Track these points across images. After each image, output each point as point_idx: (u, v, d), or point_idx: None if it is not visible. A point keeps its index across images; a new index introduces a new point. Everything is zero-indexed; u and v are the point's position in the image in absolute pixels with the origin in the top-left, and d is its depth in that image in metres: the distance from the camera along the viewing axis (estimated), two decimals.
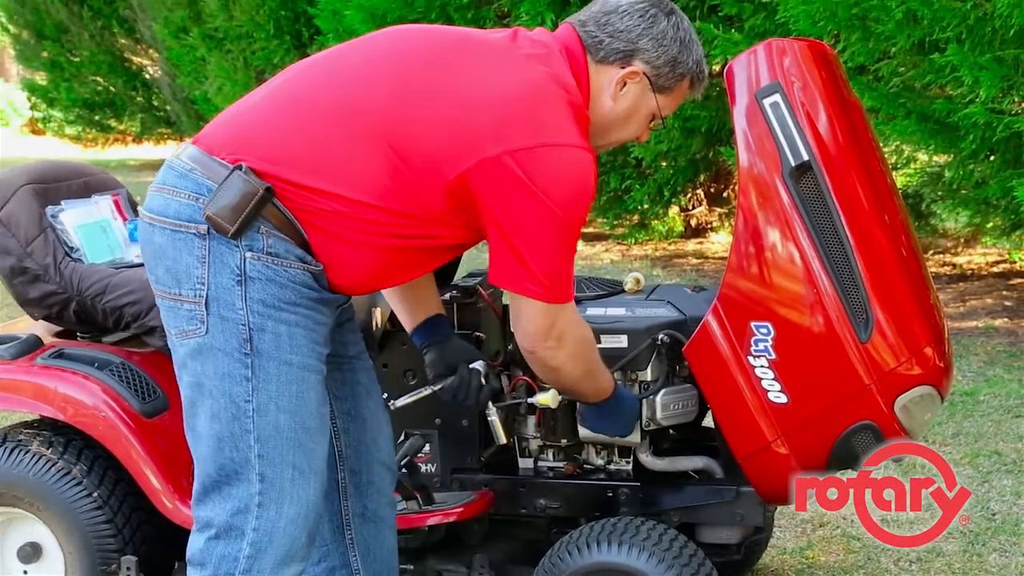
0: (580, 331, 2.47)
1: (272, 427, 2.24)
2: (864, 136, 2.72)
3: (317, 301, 2.30)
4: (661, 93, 2.46)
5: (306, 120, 2.28)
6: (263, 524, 2.26)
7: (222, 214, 2.18)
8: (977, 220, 7.34)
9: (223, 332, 2.23)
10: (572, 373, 2.51)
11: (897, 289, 2.60)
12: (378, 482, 2.65)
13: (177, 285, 2.25)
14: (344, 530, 2.64)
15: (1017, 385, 5.35)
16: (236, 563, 2.26)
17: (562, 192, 2.24)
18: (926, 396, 2.63)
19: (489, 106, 2.25)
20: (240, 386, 2.23)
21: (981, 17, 5.37)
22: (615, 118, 2.46)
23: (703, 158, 8.62)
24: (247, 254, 2.21)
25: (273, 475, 2.25)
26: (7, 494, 3.04)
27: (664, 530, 2.72)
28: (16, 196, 3.17)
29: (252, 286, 2.21)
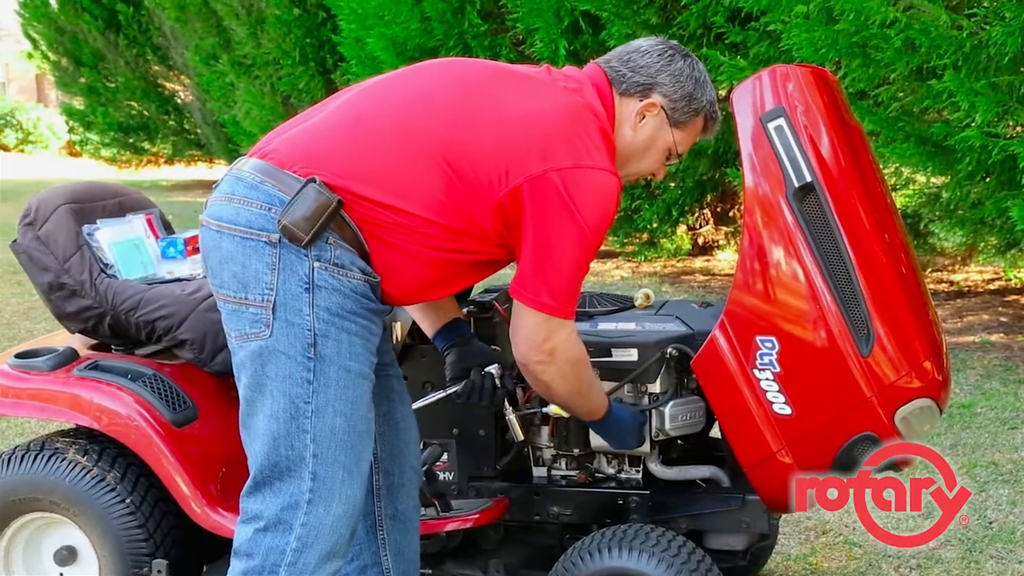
0: (573, 351, 2.45)
1: (328, 429, 2.29)
2: (865, 158, 2.72)
3: (373, 312, 2.36)
4: (677, 127, 2.52)
5: (370, 138, 2.35)
6: (312, 520, 2.30)
7: (297, 224, 2.23)
8: (973, 239, 7.33)
9: (288, 336, 2.27)
10: (561, 390, 2.50)
11: (897, 305, 2.59)
12: (408, 485, 2.68)
13: (244, 290, 2.29)
14: (377, 530, 2.66)
15: (1013, 398, 5.34)
16: (283, 555, 2.30)
17: (593, 212, 2.31)
18: (925, 408, 2.62)
19: (535, 128, 2.33)
20: (301, 388, 2.28)
21: (977, 45, 5.37)
22: (634, 149, 2.51)
23: (710, 179, 8.62)
24: (315, 264, 2.27)
25: (325, 474, 2.29)
26: (45, 499, 3.04)
27: (673, 537, 2.71)
28: (54, 215, 3.18)
29: (319, 294, 2.27)
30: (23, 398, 3.08)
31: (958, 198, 6.36)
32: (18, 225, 3.25)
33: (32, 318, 7.76)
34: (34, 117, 29.48)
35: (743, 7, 6.57)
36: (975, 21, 5.40)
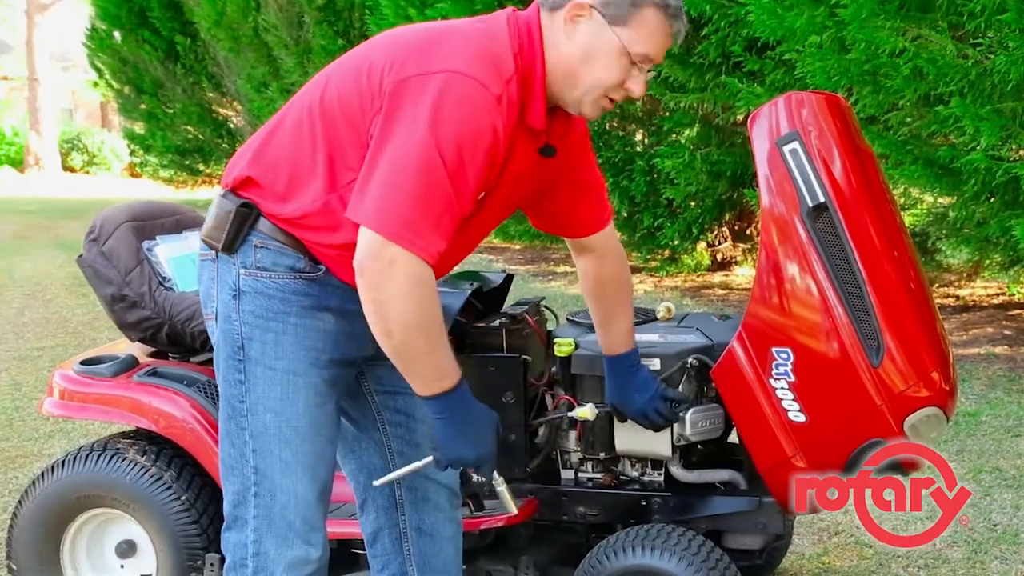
0: (421, 270, 2.02)
1: (262, 425, 2.26)
2: (875, 180, 2.71)
3: (314, 308, 2.25)
4: (618, 25, 2.12)
5: (267, 131, 2.31)
6: (260, 511, 2.29)
7: (211, 235, 2.27)
8: (978, 256, 7.29)
9: (223, 342, 2.28)
10: (404, 316, 2.04)
11: (906, 318, 2.58)
12: (434, 499, 2.58)
13: (204, 306, 2.35)
14: (402, 542, 2.60)
15: (1016, 407, 5.31)
16: (246, 548, 2.31)
17: (433, 112, 2.01)
18: (933, 416, 2.60)
19: (397, 50, 2.13)
20: (235, 389, 2.28)
21: (981, 73, 5.36)
22: (575, 59, 2.15)
23: (728, 199, 8.61)
24: (241, 270, 2.24)
25: (265, 467, 2.27)
26: (107, 496, 3.07)
27: (693, 536, 2.70)
28: (117, 232, 3.22)
29: (244, 299, 2.24)
30: (88, 402, 3.12)
31: (964, 217, 6.33)
32: (83, 241, 3.29)
33: (96, 327, 7.82)
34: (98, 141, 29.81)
35: (760, 37, 6.56)
36: (980, 50, 5.38)
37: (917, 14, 5.57)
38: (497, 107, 2.06)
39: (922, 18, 5.55)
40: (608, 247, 2.64)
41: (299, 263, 2.23)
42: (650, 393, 2.68)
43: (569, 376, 2.92)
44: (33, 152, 28.07)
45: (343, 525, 2.88)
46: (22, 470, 4.73)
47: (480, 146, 2.05)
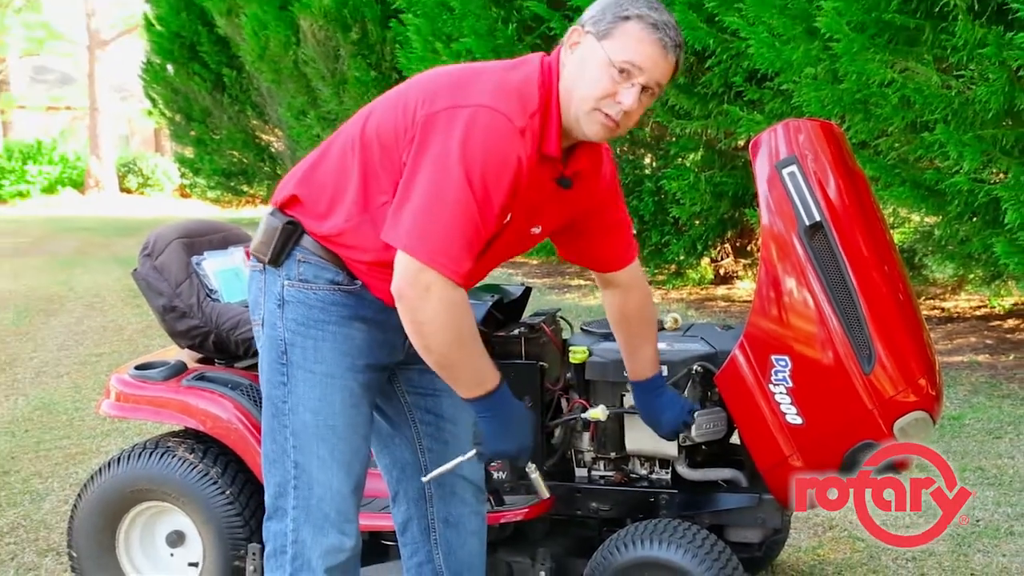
0: (453, 293, 2.04)
1: (301, 423, 2.28)
2: (867, 200, 2.70)
3: (350, 318, 2.27)
4: (605, 39, 2.11)
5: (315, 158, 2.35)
6: (299, 502, 2.30)
7: (258, 249, 2.31)
8: (962, 272, 7.27)
9: (268, 347, 2.31)
10: (442, 335, 2.07)
11: (895, 328, 2.56)
12: (461, 493, 2.58)
13: (252, 313, 2.38)
14: (430, 532, 2.60)
15: (997, 411, 5.27)
16: (286, 536, 2.32)
17: (461, 142, 2.02)
18: (920, 420, 2.58)
19: (432, 87, 2.15)
20: (278, 390, 2.29)
21: (964, 102, 5.34)
22: (573, 73, 2.15)
23: (730, 218, 8.60)
24: (285, 281, 2.27)
25: (304, 462, 2.29)
26: (158, 490, 3.07)
27: (697, 530, 2.69)
28: (168, 248, 3.24)
29: (287, 308, 2.26)
30: (141, 403, 3.13)
31: (948, 235, 6.31)
32: (138, 256, 3.30)
33: (149, 335, 7.86)
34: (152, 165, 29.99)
35: (759, 69, 6.56)
36: (963, 81, 5.37)
37: (904, 48, 5.56)
38: (521, 139, 2.07)
39: (909, 51, 5.54)
40: (633, 282, 2.61)
41: (338, 277, 2.26)
42: (676, 411, 2.66)
43: (583, 381, 2.91)
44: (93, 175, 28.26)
45: (374, 518, 2.87)
46: (81, 466, 4.75)
47: (505, 174, 2.06)
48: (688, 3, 7.07)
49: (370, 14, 11.52)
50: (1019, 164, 5.29)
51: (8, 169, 27.47)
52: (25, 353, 7.45)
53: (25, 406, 5.92)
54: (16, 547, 3.84)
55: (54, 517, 4.10)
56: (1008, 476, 4.33)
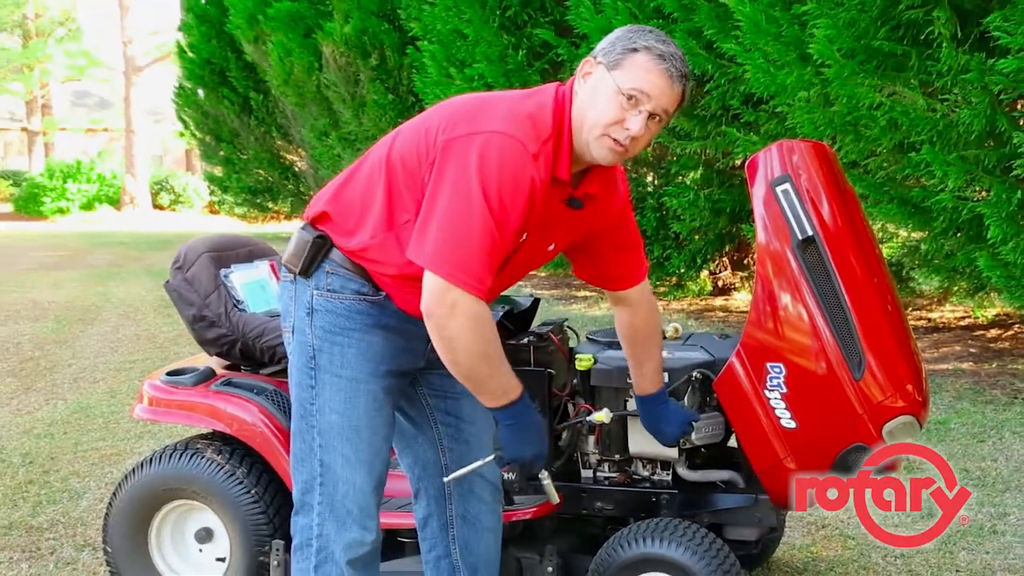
0: (477, 308, 2.07)
1: (327, 424, 2.30)
2: (857, 216, 2.69)
3: (374, 326, 2.30)
4: (615, 69, 2.12)
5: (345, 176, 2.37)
6: (325, 498, 2.32)
7: (289, 261, 2.34)
8: (947, 284, 7.25)
9: (297, 353, 2.33)
10: (469, 349, 2.10)
11: (884, 337, 2.56)
12: (479, 492, 2.59)
13: (283, 320, 2.40)
14: (448, 528, 2.61)
15: (980, 416, 5.25)
16: (311, 530, 2.35)
17: (479, 167, 2.05)
18: (908, 424, 2.58)
19: (452, 114, 2.18)
20: (306, 392, 2.32)
21: (948, 124, 5.34)
22: (585, 101, 2.16)
23: (728, 233, 8.59)
24: (314, 291, 2.30)
25: (329, 461, 2.31)
26: (187, 489, 3.07)
27: (697, 529, 2.68)
28: (198, 261, 3.24)
29: (316, 316, 2.29)
30: (172, 407, 3.13)
31: (934, 250, 6.29)
32: (170, 269, 3.31)
33: (179, 343, 7.88)
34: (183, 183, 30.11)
35: (755, 92, 6.56)
36: (947, 105, 5.36)
37: (892, 73, 5.56)
38: (534, 163, 2.10)
39: (896, 76, 5.54)
40: (643, 299, 2.62)
41: (363, 288, 2.29)
42: (678, 423, 2.66)
43: (588, 387, 2.91)
44: (128, 192, 28.36)
45: (391, 516, 2.87)
46: (116, 466, 4.75)
47: (519, 196, 2.08)
48: (688, 30, 7.08)
49: (388, 41, 11.55)
50: (1000, 183, 5.28)
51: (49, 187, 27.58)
52: (64, 360, 7.47)
53: (64, 409, 5.94)
54: (55, 542, 3.84)
55: (90, 514, 4.11)
56: (991, 478, 4.31)
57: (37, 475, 4.66)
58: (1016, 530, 3.73)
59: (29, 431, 5.45)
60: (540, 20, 8.88)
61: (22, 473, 4.70)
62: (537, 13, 8.94)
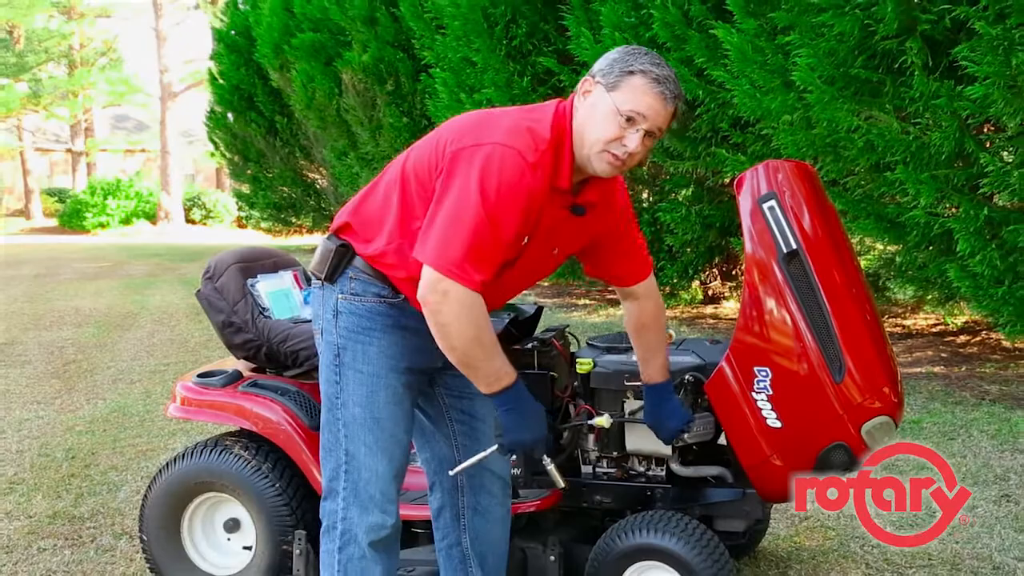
0: (469, 297, 2.08)
1: (351, 416, 2.32)
2: (837, 231, 2.68)
3: (394, 327, 2.32)
4: (614, 90, 2.14)
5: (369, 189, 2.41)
6: (349, 485, 2.33)
7: (316, 268, 2.38)
8: (920, 294, 7.23)
9: (325, 351, 2.36)
10: (462, 334, 2.10)
11: (862, 343, 2.54)
12: (488, 486, 2.59)
13: (314, 323, 2.44)
14: (460, 518, 2.61)
15: (951, 416, 5.22)
16: (336, 514, 2.36)
17: (481, 176, 2.07)
18: (884, 423, 2.57)
19: (458, 130, 2.20)
20: (332, 388, 2.34)
21: (921, 146, 5.33)
22: (583, 122, 2.18)
23: (718, 246, 8.57)
24: (339, 295, 2.33)
25: (354, 450, 2.32)
26: (216, 483, 3.07)
27: (689, 521, 2.67)
28: (227, 272, 3.25)
29: (341, 318, 2.32)
30: (203, 407, 3.13)
31: (908, 262, 6.28)
32: (201, 278, 3.31)
33: (209, 347, 7.88)
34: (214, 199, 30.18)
35: (743, 116, 6.56)
36: (919, 128, 5.36)
37: (868, 98, 5.55)
38: (532, 172, 2.11)
39: (872, 101, 5.54)
40: (649, 294, 2.63)
41: (383, 291, 2.32)
42: (678, 420, 2.65)
43: (588, 389, 2.90)
44: (163, 208, 28.43)
45: (406, 508, 2.86)
46: (151, 461, 4.75)
47: (517, 201, 2.10)
48: (680, 58, 7.07)
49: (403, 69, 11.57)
50: (968, 200, 5.27)
51: (91, 203, 27.67)
52: (104, 363, 7.47)
53: (103, 408, 5.94)
54: (95, 531, 3.84)
55: (128, 505, 4.10)
56: (960, 473, 4.28)
57: (79, 469, 4.66)
58: (984, 521, 3.71)
59: (71, 428, 5.45)
60: (544, 49, 8.88)
61: (65, 467, 4.70)
62: (541, 43, 8.94)
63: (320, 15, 12.66)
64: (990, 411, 5.29)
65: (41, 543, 3.73)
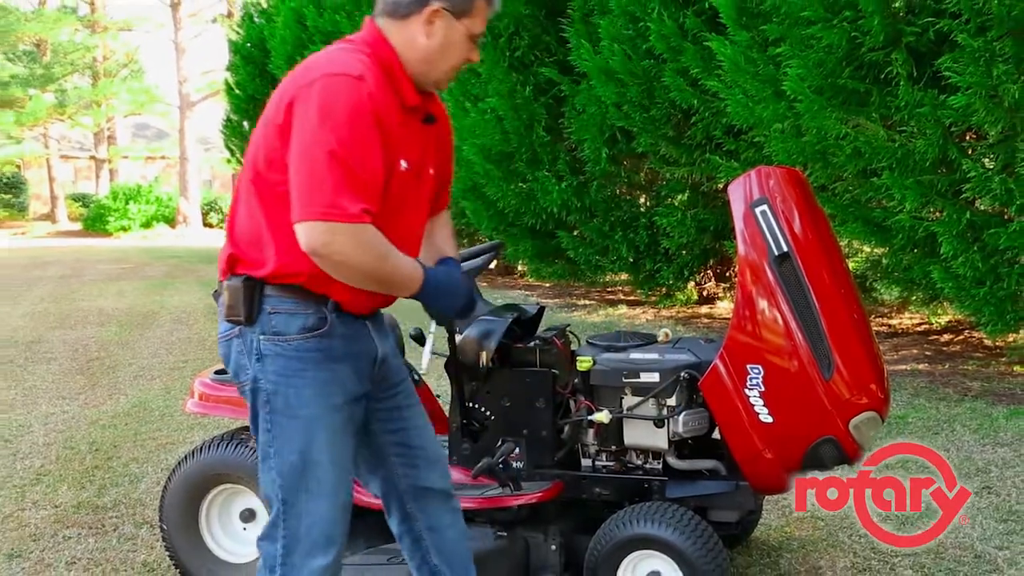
0: (355, 229, 1.91)
1: (288, 466, 2.09)
2: (826, 234, 2.68)
3: (325, 360, 2.09)
4: (464, 17, 2.08)
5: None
6: (289, 533, 2.13)
7: (232, 312, 2.10)
8: (905, 294, 7.22)
9: (252, 400, 2.14)
10: (363, 265, 1.95)
11: (850, 342, 2.54)
12: (433, 503, 2.41)
13: (237, 378, 2.17)
14: (420, 541, 2.43)
15: (935, 411, 5.21)
16: (276, 558, 2.15)
17: (325, 106, 1.92)
18: (871, 419, 2.56)
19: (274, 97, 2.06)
20: (264, 436, 2.12)
21: (906, 153, 5.33)
22: (435, 51, 2.08)
23: (712, 248, 8.56)
24: (260, 337, 2.08)
25: (291, 499, 2.11)
26: (232, 475, 3.07)
27: (684, 512, 2.67)
28: None
29: (266, 361, 2.08)
30: (219, 403, 3.12)
31: (894, 264, 6.27)
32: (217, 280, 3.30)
33: None
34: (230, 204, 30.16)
35: (736, 124, 6.56)
36: (904, 135, 5.36)
37: (856, 107, 5.55)
38: (362, 83, 1.97)
39: (860, 110, 5.53)
40: (446, 222, 2.44)
41: (308, 321, 2.08)
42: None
43: (588, 386, 2.89)
44: (182, 212, 28.45)
45: None
46: (170, 453, 4.75)
47: (363, 117, 1.95)
48: (676, 69, 7.08)
49: None
50: (952, 205, 5.26)
51: (113, 208, 27.69)
52: (125, 360, 7.47)
53: (125, 404, 5.94)
54: (117, 520, 3.84)
55: (148, 496, 4.10)
56: None
57: (102, 461, 4.66)
58: (967, 512, 3.69)
59: (95, 422, 5.45)
60: (545, 60, 8.88)
61: (89, 459, 4.70)
62: (542, 54, 8.94)
63: (332, 28, 12.65)
64: (972, 407, 5.28)
65: (66, 531, 3.74)
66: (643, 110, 7.64)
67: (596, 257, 9.05)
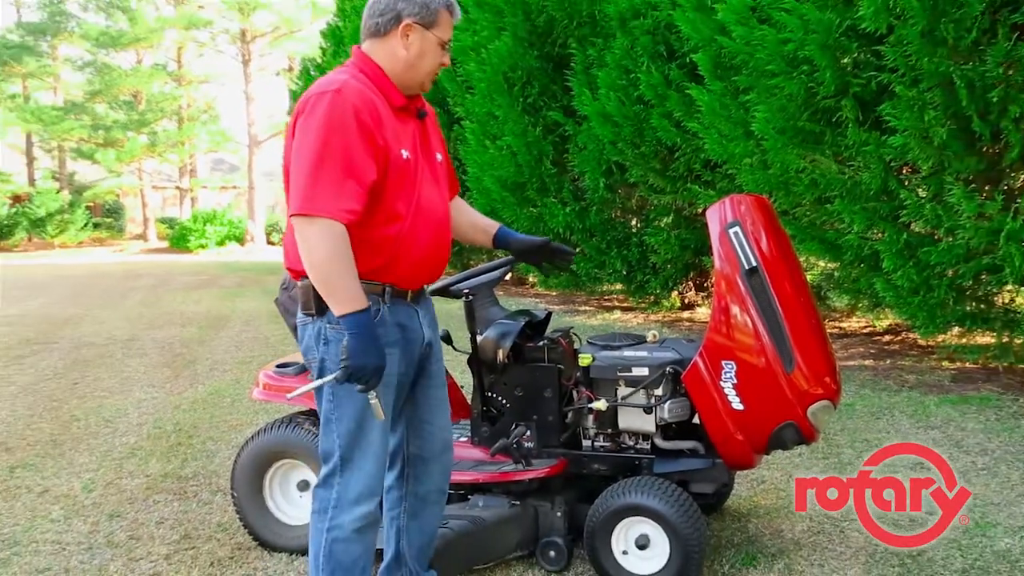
0: (333, 226, 1.92)
1: (346, 429, 2.11)
2: (788, 251, 2.67)
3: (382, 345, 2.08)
4: (432, 28, 2.11)
5: None
6: (342, 483, 2.14)
7: (304, 307, 2.13)
8: (853, 302, 7.17)
9: (319, 376, 2.14)
10: (318, 249, 1.92)
11: (808, 341, 2.52)
12: (433, 475, 2.40)
13: (306, 355, 2.18)
14: (403, 501, 2.43)
15: (878, 400, 5.16)
16: (328, 502, 2.15)
17: (317, 118, 1.94)
18: (826, 407, 2.54)
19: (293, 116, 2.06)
20: (327, 405, 2.13)
21: (854, 183, 5.31)
22: (412, 60, 2.11)
23: (692, 263, 8.53)
24: (326, 324, 2.08)
25: (348, 455, 2.13)
26: (290, 451, 3.06)
27: (669, 484, 2.65)
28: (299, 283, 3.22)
29: (330, 345, 2.09)
30: (280, 391, 3.11)
31: (844, 277, 6.24)
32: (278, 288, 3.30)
33: (286, 344, 7.88)
34: None
35: (712, 159, 6.54)
36: (853, 169, 5.34)
37: (812, 145, 5.53)
38: (339, 94, 1.97)
39: (816, 148, 5.51)
40: (460, 206, 2.48)
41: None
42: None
43: (589, 379, 2.88)
44: (250, 233, 28.58)
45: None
46: (240, 433, 4.75)
47: (346, 122, 1.95)
48: (662, 112, 7.07)
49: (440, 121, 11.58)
50: (892, 227, 5.23)
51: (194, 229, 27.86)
52: (203, 355, 7.50)
53: (203, 391, 5.96)
54: (197, 488, 3.84)
55: (222, 468, 4.10)
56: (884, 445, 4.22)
57: (183, 439, 4.67)
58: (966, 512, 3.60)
59: (178, 407, 5.47)
60: (552, 105, 8.89)
61: (173, 438, 4.71)
62: (550, 100, 8.96)
63: None
64: (908, 396, 5.24)
65: (156, 496, 3.74)
66: (635, 147, 7.63)
67: (595, 270, 9.03)
